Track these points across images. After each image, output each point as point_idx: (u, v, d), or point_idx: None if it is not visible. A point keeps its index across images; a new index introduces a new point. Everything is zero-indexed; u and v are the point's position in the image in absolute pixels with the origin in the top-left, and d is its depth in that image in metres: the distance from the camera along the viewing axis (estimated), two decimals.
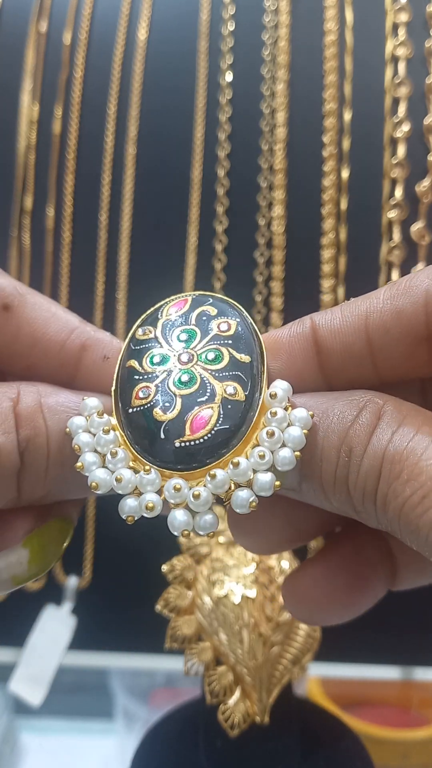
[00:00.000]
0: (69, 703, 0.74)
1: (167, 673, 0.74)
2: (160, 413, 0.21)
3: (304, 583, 0.25)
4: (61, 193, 0.46)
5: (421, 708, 0.71)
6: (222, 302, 0.23)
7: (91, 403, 0.21)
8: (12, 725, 0.75)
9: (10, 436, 0.20)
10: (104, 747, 0.76)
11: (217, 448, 0.20)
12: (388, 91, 0.44)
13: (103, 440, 0.21)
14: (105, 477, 0.20)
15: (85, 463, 0.21)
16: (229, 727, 0.30)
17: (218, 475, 0.20)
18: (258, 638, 0.31)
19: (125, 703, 0.73)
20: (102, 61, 0.46)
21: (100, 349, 0.23)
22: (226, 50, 0.46)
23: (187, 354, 0.21)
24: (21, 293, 0.22)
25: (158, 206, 0.45)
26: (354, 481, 0.19)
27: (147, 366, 0.21)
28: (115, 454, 0.21)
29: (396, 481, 0.18)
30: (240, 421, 0.21)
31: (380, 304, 0.21)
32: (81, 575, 0.46)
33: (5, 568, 0.22)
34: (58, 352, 0.22)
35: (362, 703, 0.69)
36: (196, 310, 0.22)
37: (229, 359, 0.21)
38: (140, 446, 0.21)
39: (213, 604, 0.32)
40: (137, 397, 0.21)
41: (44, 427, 0.21)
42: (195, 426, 0.20)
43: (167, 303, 0.23)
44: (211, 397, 0.21)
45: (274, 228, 0.44)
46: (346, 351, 0.21)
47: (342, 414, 0.20)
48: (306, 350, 0.22)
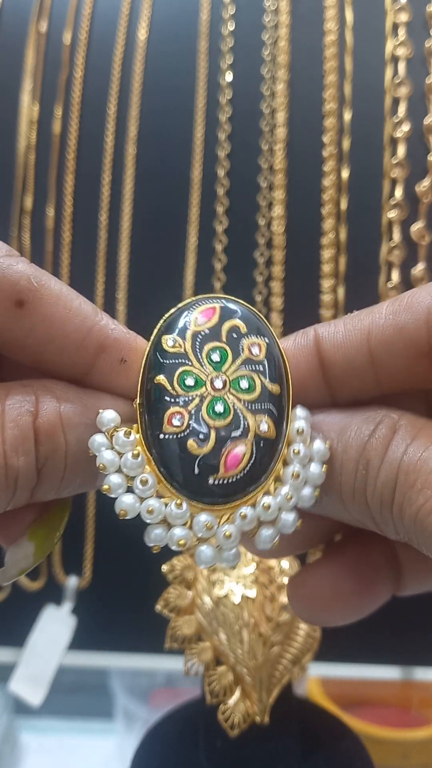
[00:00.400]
0: (69, 703, 0.74)
1: (167, 673, 0.74)
2: (195, 446, 0.20)
3: (310, 583, 0.25)
4: (61, 193, 0.46)
5: (421, 708, 0.71)
6: (249, 314, 0.22)
7: (109, 416, 0.21)
8: (12, 725, 0.75)
9: (29, 457, 0.20)
10: (104, 747, 0.76)
11: (247, 485, 0.21)
12: (388, 91, 0.44)
13: (130, 463, 0.20)
14: (133, 504, 0.20)
15: (112, 486, 0.20)
16: (229, 727, 0.30)
17: (248, 515, 0.20)
18: (258, 638, 0.31)
19: (125, 703, 0.73)
20: (102, 61, 0.46)
21: (118, 351, 0.22)
22: (226, 50, 0.46)
23: (221, 380, 0.21)
24: (36, 287, 0.21)
25: (158, 206, 0.45)
26: (372, 491, 0.20)
27: (179, 388, 0.21)
28: (146, 482, 0.20)
29: (411, 489, 0.19)
30: (269, 458, 0.21)
31: (382, 319, 0.21)
32: (81, 575, 0.46)
33: (13, 564, 0.22)
34: (74, 352, 0.21)
35: (362, 703, 0.69)
36: (226, 324, 0.22)
37: (261, 389, 0.21)
38: (167, 470, 0.21)
39: (213, 604, 0.32)
40: (170, 423, 0.20)
41: (64, 444, 0.20)
42: (229, 464, 0.20)
43: (193, 307, 0.22)
44: (244, 432, 0.21)
45: (274, 228, 0.44)
46: (348, 364, 0.22)
47: (359, 429, 0.21)
48: (310, 362, 0.22)
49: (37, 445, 0.20)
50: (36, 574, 0.46)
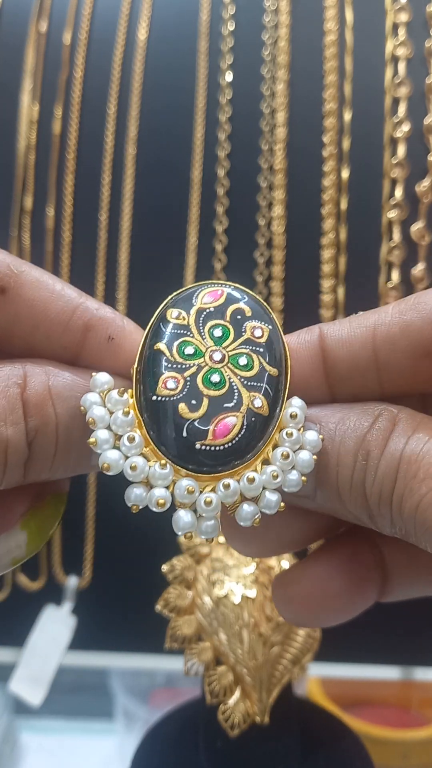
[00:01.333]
0: (69, 703, 0.74)
1: (167, 673, 0.74)
2: (186, 410, 0.20)
3: (298, 582, 0.25)
4: (61, 193, 0.46)
5: (421, 708, 0.71)
6: (255, 302, 0.23)
7: (102, 378, 0.21)
8: (12, 725, 0.75)
9: (18, 427, 0.20)
10: (104, 747, 0.76)
11: (232, 458, 0.21)
12: (388, 91, 0.44)
13: (120, 420, 0.20)
14: (117, 459, 0.20)
15: (98, 440, 0.20)
16: (229, 727, 0.30)
17: (231, 486, 0.20)
18: (258, 638, 0.31)
19: (125, 703, 0.73)
20: (102, 61, 0.46)
21: (105, 329, 0.22)
22: (226, 50, 0.46)
23: (220, 353, 0.21)
24: (17, 273, 0.21)
25: (158, 206, 0.45)
26: (371, 483, 0.20)
27: (177, 356, 0.21)
28: (133, 439, 0.20)
29: (413, 480, 0.19)
30: (260, 434, 0.21)
31: (388, 317, 0.21)
32: (81, 575, 0.46)
33: (5, 554, 0.22)
34: (61, 334, 0.21)
35: (362, 703, 0.69)
36: (231, 306, 0.22)
37: (259, 369, 0.21)
38: (155, 434, 0.21)
39: (213, 604, 0.32)
40: (164, 385, 0.21)
41: (53, 415, 0.20)
42: (218, 432, 0.20)
43: (202, 287, 0.22)
44: (237, 405, 0.21)
45: (274, 228, 0.44)
46: (352, 361, 0.22)
47: (358, 421, 0.21)
48: (313, 358, 0.22)
49: (26, 416, 0.20)
50: (36, 574, 0.46)
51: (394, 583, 0.26)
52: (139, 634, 0.45)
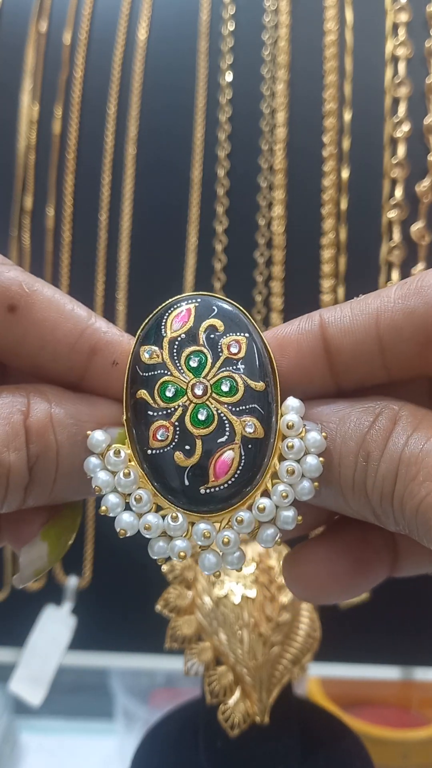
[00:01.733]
0: (69, 703, 0.74)
1: (167, 673, 0.74)
2: (182, 457, 0.21)
3: (307, 562, 0.25)
4: (61, 193, 0.46)
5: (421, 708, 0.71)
6: (227, 309, 0.22)
7: (98, 437, 0.21)
8: (12, 725, 0.75)
9: (21, 453, 0.20)
10: (104, 747, 0.76)
11: (241, 487, 0.21)
12: (388, 91, 0.44)
13: (123, 482, 0.21)
14: (132, 521, 0.21)
15: (110, 506, 0.21)
16: (229, 727, 0.30)
17: (245, 519, 0.21)
18: (258, 638, 0.31)
19: (125, 703, 0.73)
20: (102, 61, 0.46)
21: (110, 353, 0.22)
22: (226, 50, 0.46)
23: (201, 385, 0.21)
24: (28, 292, 0.21)
25: (158, 206, 0.45)
26: (372, 484, 0.20)
27: (160, 400, 0.21)
28: (140, 499, 0.21)
29: (412, 482, 0.19)
30: (261, 457, 0.21)
31: (391, 303, 0.21)
32: (81, 575, 0.46)
33: (28, 565, 0.22)
34: (67, 355, 0.22)
35: (362, 703, 0.69)
36: (203, 325, 0.22)
37: (244, 390, 0.21)
38: (160, 485, 0.21)
39: (213, 604, 0.32)
40: (155, 438, 0.21)
41: (54, 443, 0.21)
42: (218, 471, 0.20)
43: (168, 312, 0.22)
44: (230, 437, 0.21)
45: (274, 228, 0.44)
46: (356, 349, 0.21)
47: (359, 420, 0.21)
48: (314, 348, 0.22)
49: (28, 443, 0.20)
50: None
51: (405, 560, 0.26)
52: (139, 634, 0.45)
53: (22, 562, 0.22)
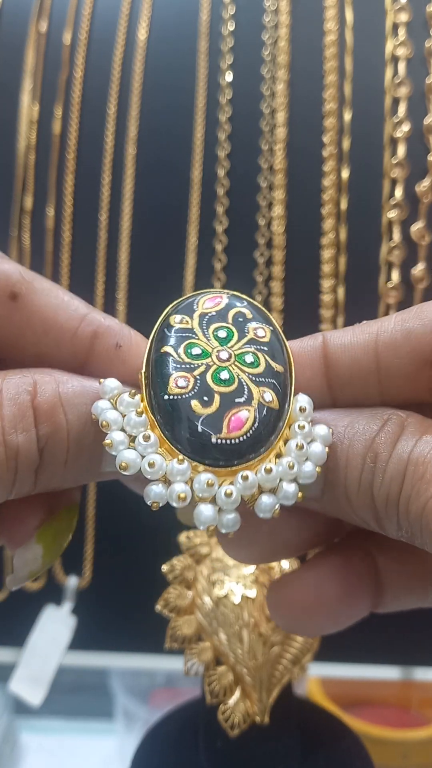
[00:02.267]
0: (69, 703, 0.74)
1: (167, 673, 0.74)
2: (199, 406, 0.21)
3: (292, 587, 0.25)
4: (61, 193, 0.46)
5: (421, 708, 0.71)
6: (254, 308, 0.23)
7: (111, 384, 0.21)
8: (12, 725, 0.75)
9: (29, 434, 0.20)
10: (104, 747, 0.76)
11: (247, 452, 0.21)
12: (388, 91, 0.44)
13: (133, 421, 0.21)
14: (134, 458, 0.20)
15: (114, 441, 0.20)
16: (229, 727, 0.30)
17: (250, 478, 0.20)
18: (258, 638, 0.31)
19: (125, 703, 0.73)
20: (102, 61, 0.46)
21: (112, 337, 0.22)
22: (226, 50, 0.46)
23: (226, 352, 0.21)
24: (28, 279, 0.21)
25: (158, 206, 0.45)
26: (379, 484, 0.20)
27: (185, 356, 0.21)
28: (148, 438, 0.20)
29: (420, 481, 0.19)
30: (271, 428, 0.21)
31: (391, 324, 0.22)
32: (81, 575, 0.46)
33: (23, 566, 0.22)
34: (69, 340, 0.22)
35: (362, 703, 0.69)
36: (232, 310, 0.22)
37: (266, 366, 0.22)
38: (170, 433, 0.21)
39: (213, 604, 0.32)
40: (176, 384, 0.21)
41: (65, 422, 0.20)
42: (233, 425, 0.21)
43: (201, 295, 0.23)
44: (248, 399, 0.21)
45: (274, 228, 0.44)
46: (354, 365, 0.22)
47: (367, 424, 0.21)
48: (315, 364, 0.22)
49: (37, 423, 0.20)
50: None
51: (388, 594, 0.26)
52: (139, 634, 0.45)
53: (16, 563, 0.22)
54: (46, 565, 0.23)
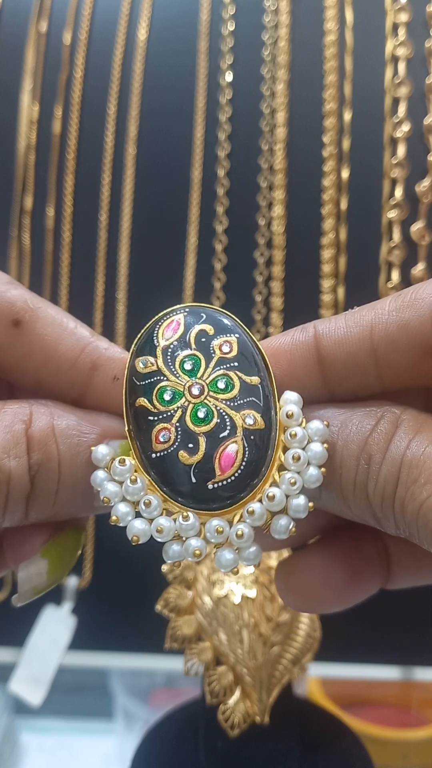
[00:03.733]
0: (69, 703, 0.74)
1: (167, 673, 0.74)
2: (186, 456, 0.21)
3: (299, 570, 0.25)
4: (61, 193, 0.46)
5: (421, 708, 0.71)
6: (215, 314, 0.23)
7: (102, 451, 0.21)
8: (12, 725, 0.75)
9: (21, 461, 0.20)
10: (104, 747, 0.76)
11: (248, 480, 0.21)
12: (388, 91, 0.44)
13: (131, 489, 0.21)
14: (144, 528, 0.21)
15: (120, 515, 0.21)
16: (229, 727, 0.30)
17: (256, 510, 0.20)
18: (258, 638, 0.31)
19: (125, 703, 0.73)
20: (102, 61, 0.46)
21: (111, 369, 0.22)
22: (226, 50, 0.46)
23: (198, 386, 0.21)
24: (32, 308, 0.22)
25: (158, 206, 0.45)
26: (373, 486, 0.20)
27: (159, 404, 0.21)
28: (149, 503, 0.21)
29: (414, 484, 0.19)
30: (264, 449, 0.21)
31: (385, 315, 0.21)
32: (81, 575, 0.46)
33: (27, 580, 0.22)
34: (68, 370, 0.22)
35: (362, 703, 0.69)
36: (192, 331, 0.22)
37: (240, 385, 0.21)
38: (169, 488, 0.21)
39: (213, 604, 0.32)
40: (158, 441, 0.21)
41: (56, 452, 0.21)
42: (224, 464, 0.21)
43: (158, 324, 0.22)
44: (232, 430, 0.21)
45: (274, 228, 0.44)
46: (349, 360, 0.21)
47: (360, 423, 0.21)
48: (308, 358, 0.22)
49: (29, 451, 0.21)
50: None
51: (398, 572, 0.26)
52: (139, 634, 0.45)
53: (20, 577, 0.22)
54: (51, 581, 0.23)
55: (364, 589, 0.26)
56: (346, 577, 0.25)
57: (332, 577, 0.25)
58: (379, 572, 0.26)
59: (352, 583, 0.25)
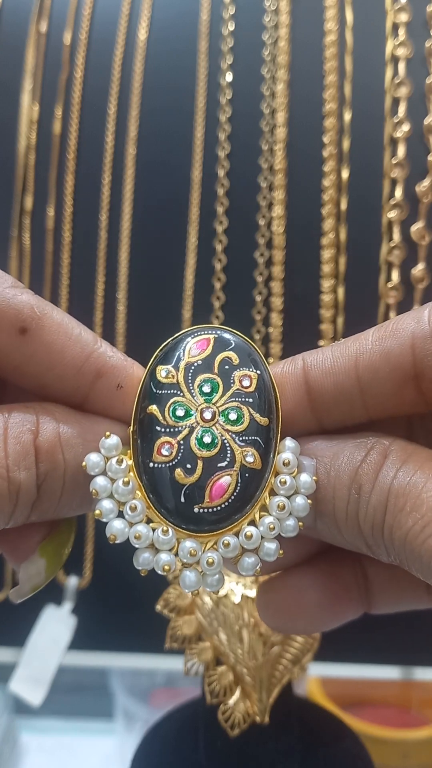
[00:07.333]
0: (69, 703, 0.74)
1: (167, 673, 0.74)
2: (182, 475, 0.21)
3: (277, 590, 0.26)
4: (61, 193, 0.46)
5: (421, 708, 0.71)
6: (243, 345, 0.23)
7: (111, 442, 0.22)
8: (12, 725, 0.75)
9: (30, 472, 0.21)
10: (104, 747, 0.76)
11: (231, 514, 0.21)
12: (388, 91, 0.44)
13: (121, 489, 0.21)
14: (123, 529, 0.21)
15: (104, 511, 0.21)
16: (229, 727, 0.30)
17: (231, 543, 0.21)
18: (258, 638, 0.31)
19: (125, 703, 0.73)
20: (102, 61, 0.46)
21: (115, 377, 0.23)
22: (226, 50, 0.46)
23: (210, 411, 0.22)
24: (39, 315, 0.22)
25: (158, 206, 0.45)
26: (364, 515, 0.21)
27: (169, 418, 0.22)
28: (135, 508, 0.21)
29: (400, 513, 0.20)
30: (254, 488, 0.22)
31: (369, 345, 0.22)
32: (81, 575, 0.46)
33: (26, 580, 0.23)
34: (73, 377, 0.22)
35: (362, 703, 0.69)
36: (219, 356, 0.23)
37: (249, 421, 0.22)
38: (155, 498, 0.22)
39: (213, 604, 0.32)
40: (159, 452, 0.21)
41: (62, 461, 0.21)
42: (214, 493, 0.21)
43: (188, 337, 0.23)
44: (230, 463, 0.21)
45: (274, 228, 0.44)
46: (336, 390, 0.22)
47: (351, 455, 0.22)
48: (297, 389, 0.23)
49: (38, 462, 0.21)
50: None
51: (380, 598, 0.27)
52: (139, 634, 0.45)
53: (21, 577, 0.23)
54: (48, 578, 0.24)
55: (341, 613, 0.26)
56: (323, 600, 0.26)
57: (308, 599, 0.26)
58: (358, 598, 0.26)
59: (328, 606, 0.26)
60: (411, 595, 0.26)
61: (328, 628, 0.26)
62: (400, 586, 0.26)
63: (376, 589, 0.26)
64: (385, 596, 0.26)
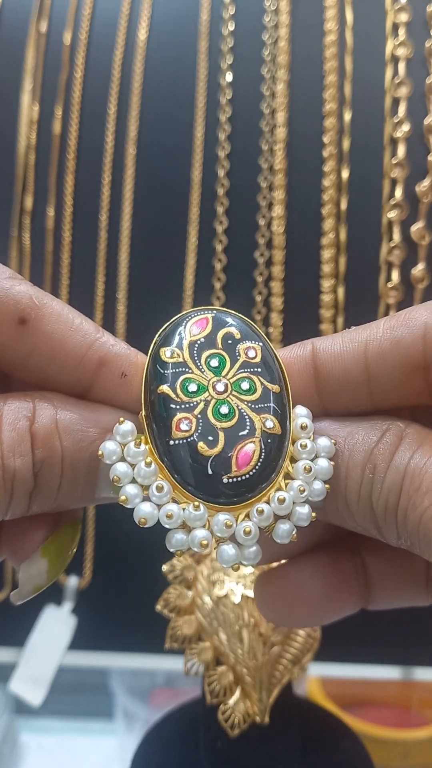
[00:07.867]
0: (69, 703, 0.74)
1: (167, 673, 0.74)
2: (205, 447, 0.21)
3: (276, 582, 0.26)
4: (61, 193, 0.46)
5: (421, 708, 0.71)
6: (241, 322, 0.23)
7: (126, 427, 0.21)
8: (12, 725, 0.75)
9: (26, 459, 0.20)
10: (104, 747, 0.76)
11: (258, 482, 0.21)
12: (388, 91, 0.44)
13: (144, 472, 0.21)
14: (152, 511, 0.21)
15: (129, 496, 0.21)
16: (229, 727, 0.30)
17: (265, 511, 0.21)
18: (258, 638, 0.31)
19: (125, 703, 0.73)
20: (102, 61, 0.46)
21: (118, 366, 0.22)
22: (226, 50, 0.46)
23: (222, 383, 0.22)
24: (38, 305, 0.21)
25: (158, 206, 0.45)
26: (377, 495, 0.21)
27: (182, 395, 0.21)
28: (161, 488, 0.21)
29: (416, 493, 0.20)
30: (277, 454, 0.22)
31: (380, 332, 0.22)
32: (81, 575, 0.46)
33: (28, 581, 0.22)
34: (75, 367, 0.22)
35: (362, 703, 0.69)
36: (220, 332, 0.23)
37: (262, 390, 0.22)
38: (180, 476, 0.21)
39: (213, 604, 0.32)
40: (179, 428, 0.21)
41: (59, 449, 0.21)
42: (241, 461, 0.21)
43: (186, 319, 0.23)
44: (251, 431, 0.21)
45: (274, 228, 0.44)
46: (344, 375, 0.22)
47: (366, 435, 0.22)
48: (305, 373, 0.23)
49: (34, 449, 0.21)
50: None
51: (378, 593, 0.26)
52: (139, 634, 0.45)
53: (21, 578, 0.23)
54: (50, 579, 0.23)
55: (339, 608, 0.26)
56: (321, 593, 0.25)
57: (307, 592, 0.25)
58: (357, 591, 0.26)
59: (326, 599, 0.26)
60: (410, 590, 0.26)
61: (326, 622, 0.26)
62: (400, 581, 0.26)
63: (376, 583, 0.26)
64: (384, 591, 0.26)
